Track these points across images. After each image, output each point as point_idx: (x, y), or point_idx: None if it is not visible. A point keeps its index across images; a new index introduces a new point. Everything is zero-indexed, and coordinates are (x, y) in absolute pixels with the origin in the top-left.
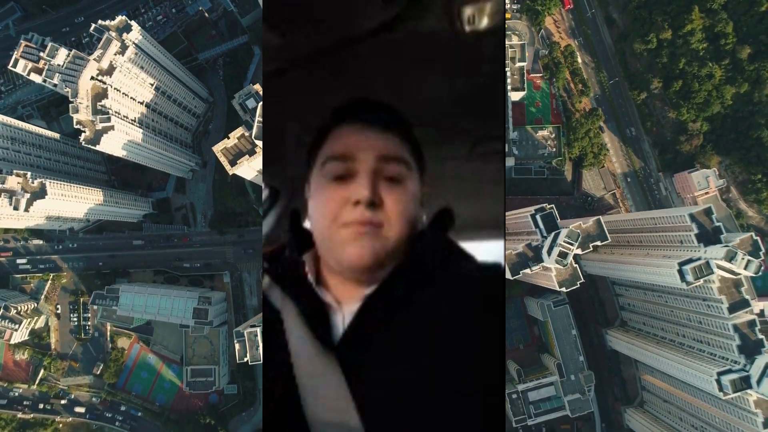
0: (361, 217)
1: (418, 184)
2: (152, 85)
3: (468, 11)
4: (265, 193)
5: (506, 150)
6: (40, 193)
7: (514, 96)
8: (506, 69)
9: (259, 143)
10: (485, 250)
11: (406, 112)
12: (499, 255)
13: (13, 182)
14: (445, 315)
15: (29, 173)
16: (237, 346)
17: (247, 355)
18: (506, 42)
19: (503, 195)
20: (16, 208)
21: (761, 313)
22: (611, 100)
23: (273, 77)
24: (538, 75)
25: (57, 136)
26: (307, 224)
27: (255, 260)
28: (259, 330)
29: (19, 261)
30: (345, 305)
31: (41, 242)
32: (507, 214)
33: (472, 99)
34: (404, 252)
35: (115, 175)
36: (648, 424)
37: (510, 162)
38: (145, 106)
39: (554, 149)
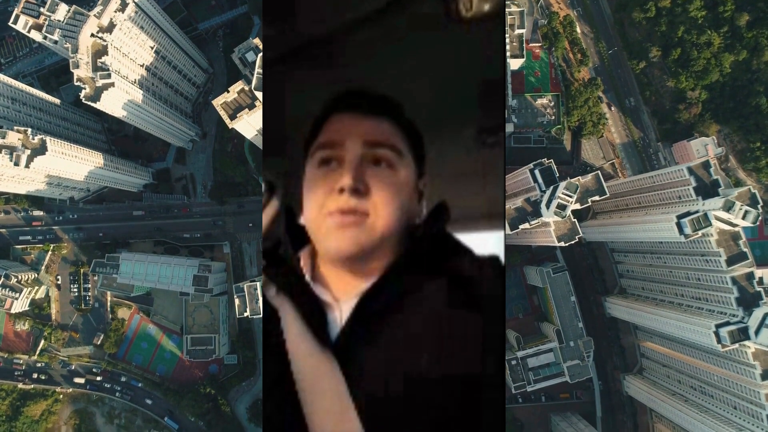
0: (345, 205)
1: (411, 172)
2: (152, 48)
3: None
4: (264, 191)
5: (505, 117)
6: (41, 150)
7: (513, 64)
8: (506, 37)
9: (259, 95)
10: (484, 243)
11: (404, 101)
12: (499, 248)
13: (13, 138)
14: (442, 310)
15: (29, 129)
16: (237, 301)
17: (247, 309)
18: (505, 10)
19: (503, 188)
20: (16, 164)
21: (760, 281)
22: (610, 71)
23: (273, 69)
24: (537, 44)
25: (58, 101)
26: (302, 218)
27: (254, 231)
28: (258, 284)
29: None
30: (342, 301)
31: (41, 213)
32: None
33: (471, 89)
34: (400, 244)
35: (116, 145)
36: (647, 389)
37: (509, 128)
38: (145, 69)
39: (553, 117)
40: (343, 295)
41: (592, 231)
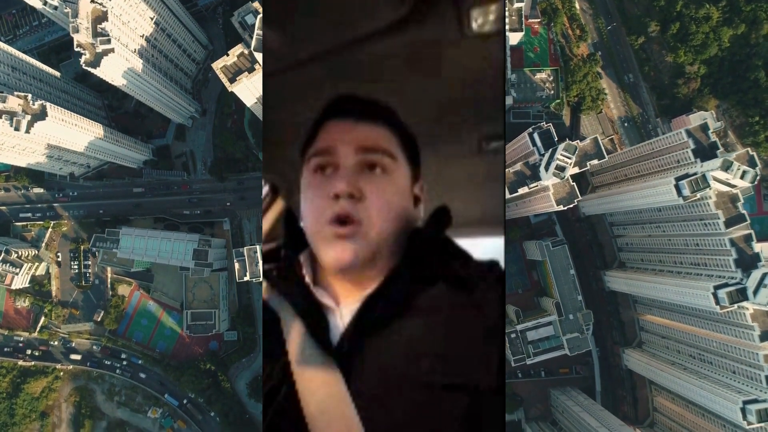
0: (340, 211)
1: (406, 177)
2: (152, 19)
3: (471, 14)
4: (264, 193)
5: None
6: (41, 115)
7: (513, 39)
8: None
9: (259, 56)
10: (484, 248)
11: (405, 109)
12: (499, 253)
13: (14, 103)
14: (443, 315)
15: (30, 95)
16: (237, 265)
17: (247, 273)
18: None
19: (503, 192)
20: (16, 129)
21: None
22: (609, 47)
23: (274, 77)
24: (536, 20)
25: (58, 74)
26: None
27: (254, 207)
28: (258, 247)
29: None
30: (343, 306)
31: (42, 190)
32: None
33: (472, 97)
34: (399, 250)
35: (115, 122)
36: (646, 360)
37: (507, 101)
38: (145, 40)
39: (552, 92)
40: (344, 300)
41: (591, 204)
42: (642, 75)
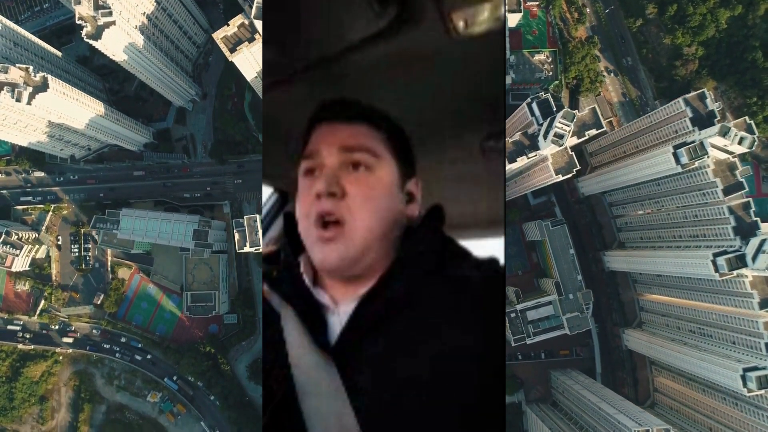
0: (321, 209)
1: (392, 173)
2: None
3: (466, 14)
4: (265, 197)
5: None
6: (42, 87)
7: (511, 20)
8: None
9: (259, 25)
10: (484, 247)
11: (403, 111)
12: (499, 251)
13: (15, 74)
14: (442, 313)
15: (31, 67)
16: (237, 236)
17: (247, 243)
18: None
19: (503, 190)
20: (18, 101)
21: None
22: (607, 30)
23: (273, 87)
24: (534, 3)
25: (60, 54)
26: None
27: (255, 190)
28: (258, 216)
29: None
30: (341, 305)
31: (42, 174)
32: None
33: (471, 98)
34: (394, 248)
35: (116, 105)
36: (647, 339)
37: (507, 82)
38: (146, 18)
39: (551, 73)
40: (342, 299)
41: (590, 183)
42: (640, 58)
